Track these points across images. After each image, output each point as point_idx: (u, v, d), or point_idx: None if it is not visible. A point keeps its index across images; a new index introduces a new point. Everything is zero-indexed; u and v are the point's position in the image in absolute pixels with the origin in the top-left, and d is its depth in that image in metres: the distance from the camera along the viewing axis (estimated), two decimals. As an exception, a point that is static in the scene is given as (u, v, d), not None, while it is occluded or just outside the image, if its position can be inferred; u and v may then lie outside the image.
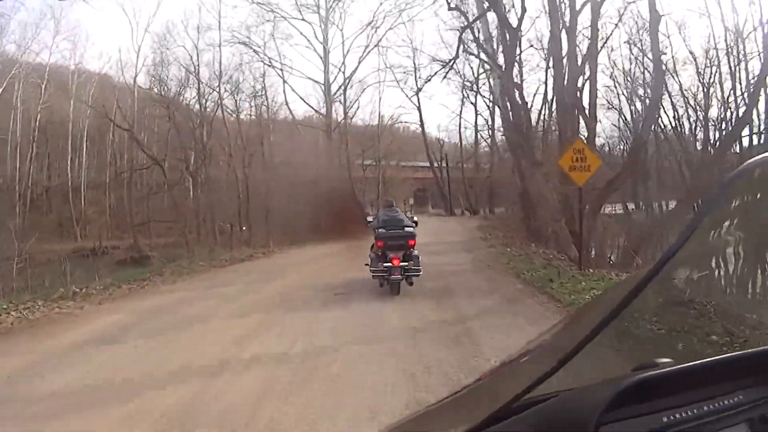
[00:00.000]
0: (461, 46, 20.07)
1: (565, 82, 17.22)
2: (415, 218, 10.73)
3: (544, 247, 16.72)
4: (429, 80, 22.83)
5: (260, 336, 7.21)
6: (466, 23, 18.58)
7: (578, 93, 15.85)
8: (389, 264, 9.24)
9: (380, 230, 9.61)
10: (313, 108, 30.25)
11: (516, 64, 20.60)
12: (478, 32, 18.70)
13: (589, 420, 0.90)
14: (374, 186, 31.42)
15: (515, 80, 19.43)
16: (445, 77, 23.71)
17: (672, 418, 1.00)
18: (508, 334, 6.75)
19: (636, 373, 1.03)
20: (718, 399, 1.05)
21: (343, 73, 29.33)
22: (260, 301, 9.56)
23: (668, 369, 1.06)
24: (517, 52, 18.61)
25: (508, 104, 17.07)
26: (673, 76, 23.77)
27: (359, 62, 29.35)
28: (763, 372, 1.12)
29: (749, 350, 1.17)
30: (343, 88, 29.57)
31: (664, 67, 19.65)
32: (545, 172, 17.06)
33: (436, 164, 33.02)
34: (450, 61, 21.41)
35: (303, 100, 31.29)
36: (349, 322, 7.78)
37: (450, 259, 14.18)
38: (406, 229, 9.60)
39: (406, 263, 9.31)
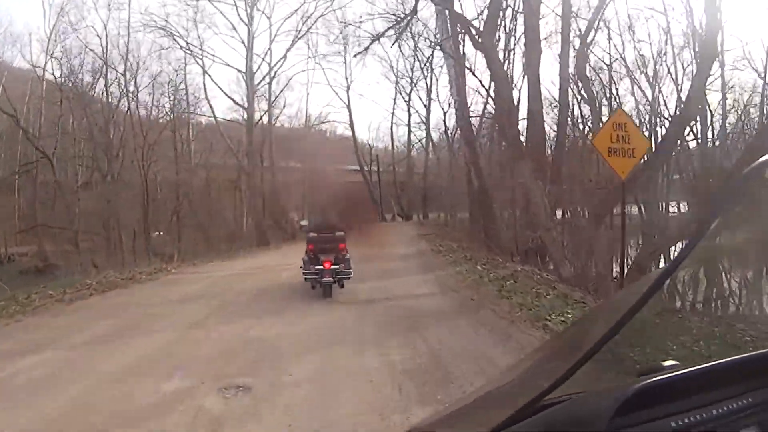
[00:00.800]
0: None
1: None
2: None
3: (517, 262, 12.03)
4: (377, 39, 17.21)
5: None
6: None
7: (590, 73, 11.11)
8: (321, 267, 8.27)
9: (311, 234, 8.76)
10: (234, 101, 24.47)
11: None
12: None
13: (598, 427, 0.83)
14: (300, 190, 26.43)
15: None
16: (396, 41, 17.95)
17: (681, 423, 0.92)
18: None
19: (643, 378, 0.96)
20: (727, 402, 0.97)
21: (269, 63, 23.81)
22: (53, 421, 4.02)
23: (676, 373, 0.99)
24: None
25: (491, 78, 12.23)
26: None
27: (287, 51, 23.87)
28: None
29: (757, 351, 1.07)
30: (268, 78, 24.05)
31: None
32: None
33: (366, 167, 28.23)
34: (405, 17, 16.16)
35: (223, 91, 25.49)
36: None
37: (409, 286, 9.08)
38: (337, 233, 8.68)
39: (337, 266, 8.34)
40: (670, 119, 19.37)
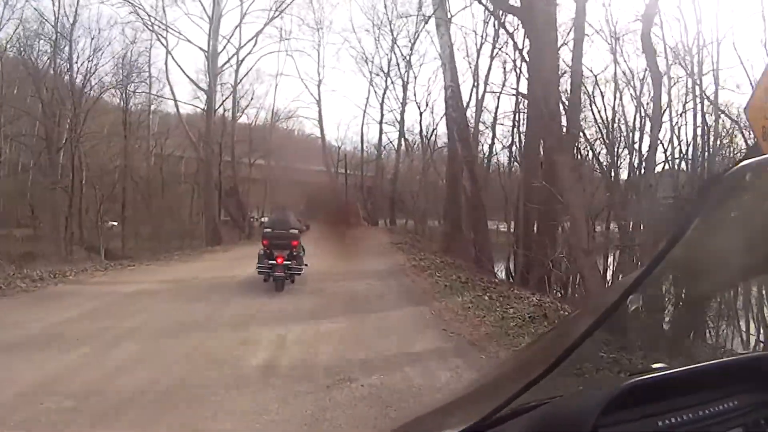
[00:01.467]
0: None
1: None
2: (308, 223, 9.16)
3: (518, 286, 8.48)
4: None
5: None
6: None
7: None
8: (274, 262, 7.53)
9: (266, 230, 8.25)
10: (195, 84, 20.10)
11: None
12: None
13: (585, 424, 0.75)
14: (261, 188, 22.53)
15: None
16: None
17: (667, 422, 0.85)
18: None
19: (631, 377, 0.90)
20: (712, 404, 0.90)
21: (236, 47, 19.69)
22: None
23: (663, 373, 0.92)
24: None
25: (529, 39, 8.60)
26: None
27: (257, 34, 19.70)
28: (757, 377, 0.96)
29: (743, 356, 1.07)
30: (234, 61, 19.91)
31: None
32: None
33: (333, 168, 24.36)
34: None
35: (183, 71, 21.33)
36: None
37: (399, 333, 5.32)
38: (291, 230, 8.03)
39: (289, 262, 7.63)
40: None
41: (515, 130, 13.48)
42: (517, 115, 13.28)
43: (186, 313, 6.04)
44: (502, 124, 15.76)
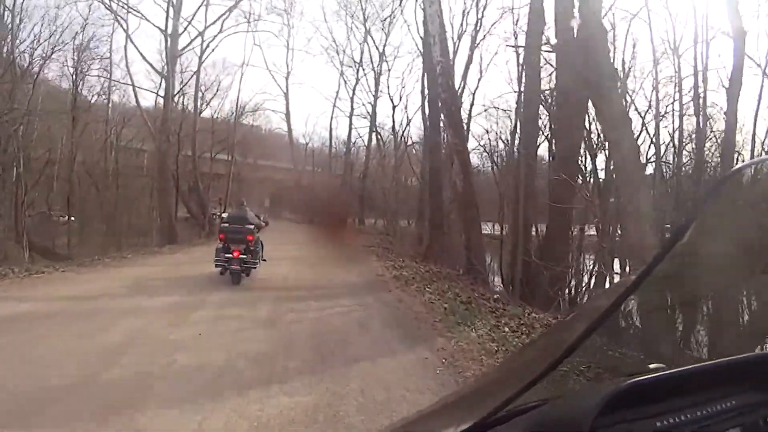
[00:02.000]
0: None
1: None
2: (267, 220, 9.13)
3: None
4: None
5: None
6: None
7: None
8: (230, 255, 7.32)
9: (224, 224, 7.97)
10: (152, 66, 17.20)
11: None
12: None
13: (584, 424, 0.68)
14: (225, 184, 19.91)
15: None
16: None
17: (665, 423, 0.78)
18: None
19: (628, 378, 0.81)
20: (711, 404, 0.83)
21: (200, 30, 16.93)
22: None
23: (661, 374, 0.83)
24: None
25: None
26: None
27: (221, 18, 17.00)
28: (755, 377, 0.88)
29: (741, 356, 0.95)
30: (195, 45, 17.10)
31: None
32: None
33: (301, 165, 21.86)
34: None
35: (141, 54, 18.45)
36: None
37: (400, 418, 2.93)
38: (247, 226, 7.65)
39: (245, 256, 7.34)
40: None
41: (517, 118, 11.27)
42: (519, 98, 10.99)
43: (59, 363, 3.52)
44: (497, 109, 13.80)
